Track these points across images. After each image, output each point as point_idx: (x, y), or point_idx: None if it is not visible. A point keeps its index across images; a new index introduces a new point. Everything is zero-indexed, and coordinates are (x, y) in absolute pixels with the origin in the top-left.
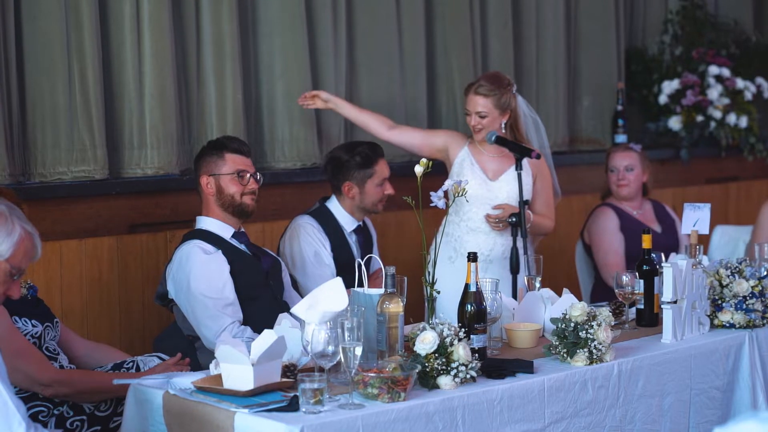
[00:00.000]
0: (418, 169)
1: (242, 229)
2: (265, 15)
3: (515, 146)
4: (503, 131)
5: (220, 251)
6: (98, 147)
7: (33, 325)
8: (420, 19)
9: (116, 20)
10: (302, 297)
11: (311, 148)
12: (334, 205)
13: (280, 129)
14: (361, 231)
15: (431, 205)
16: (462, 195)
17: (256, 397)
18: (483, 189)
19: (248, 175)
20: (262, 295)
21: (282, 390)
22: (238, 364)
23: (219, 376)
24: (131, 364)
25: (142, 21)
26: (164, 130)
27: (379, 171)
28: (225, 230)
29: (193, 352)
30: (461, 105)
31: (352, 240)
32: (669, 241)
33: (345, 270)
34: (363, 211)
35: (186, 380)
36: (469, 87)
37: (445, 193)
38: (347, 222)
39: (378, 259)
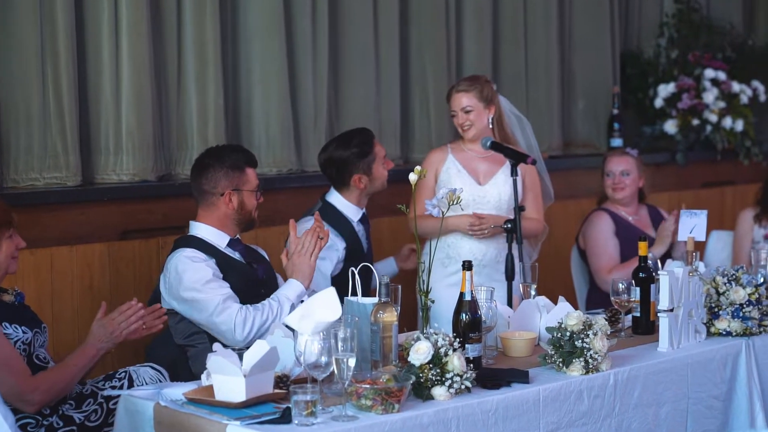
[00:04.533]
0: (413, 177)
1: (238, 236)
2: (244, 20)
3: (511, 152)
4: (490, 126)
5: (213, 260)
6: (71, 153)
7: (23, 332)
8: (394, 21)
9: (94, 25)
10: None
11: (288, 154)
12: (336, 199)
13: (257, 134)
14: (365, 220)
15: (426, 213)
16: (457, 203)
17: (248, 409)
18: (473, 194)
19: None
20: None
21: (274, 401)
22: (229, 375)
23: (210, 388)
24: (124, 374)
25: (120, 26)
26: (140, 135)
27: (378, 152)
28: (220, 238)
29: (185, 361)
30: (434, 108)
31: (360, 231)
32: None
33: (357, 261)
34: (370, 195)
35: (177, 391)
36: (449, 90)
37: None
38: (352, 213)
39: (371, 266)
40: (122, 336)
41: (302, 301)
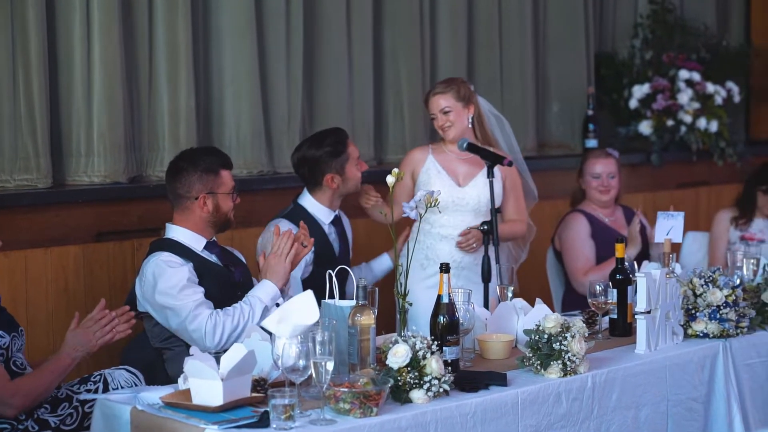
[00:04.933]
0: (390, 180)
1: (214, 239)
2: (216, 22)
3: (487, 153)
4: (470, 126)
5: (189, 264)
6: (42, 155)
7: (0, 336)
8: (368, 23)
9: (65, 27)
10: None
11: (258, 155)
12: (308, 202)
13: (228, 136)
14: (338, 222)
15: (404, 215)
16: (435, 206)
17: (225, 413)
18: (452, 195)
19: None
20: None
21: (252, 405)
22: (207, 379)
23: (188, 391)
24: (98, 377)
25: (92, 28)
26: (112, 137)
27: (351, 152)
28: (197, 241)
29: (161, 363)
30: (408, 110)
31: (331, 233)
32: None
33: (327, 265)
34: (343, 196)
35: (154, 395)
36: (427, 94)
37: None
38: (324, 215)
39: (349, 269)
40: (96, 346)
41: (277, 304)
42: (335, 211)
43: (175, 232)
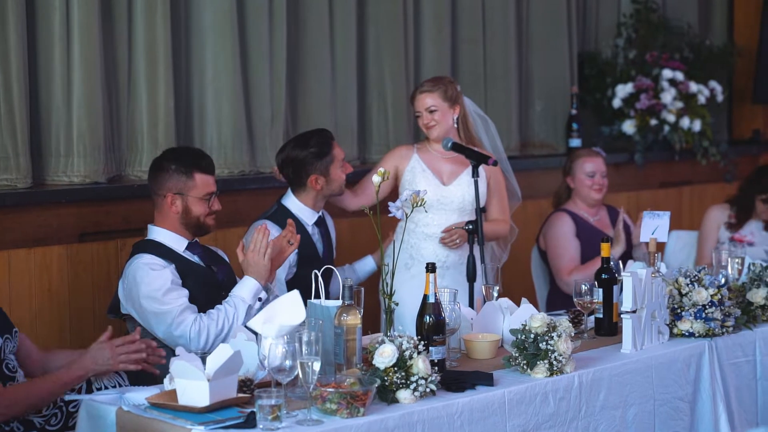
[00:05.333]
0: (376, 179)
1: (196, 239)
2: (198, 21)
3: (471, 153)
4: (455, 126)
5: (172, 265)
6: (21, 155)
7: None
8: (352, 22)
9: (45, 27)
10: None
11: (240, 155)
12: (292, 203)
13: (210, 135)
14: (322, 223)
15: (390, 215)
16: (421, 205)
17: (212, 414)
18: (437, 194)
19: (214, 196)
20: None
21: (238, 406)
22: (193, 379)
23: (174, 392)
24: None
25: (72, 28)
26: (92, 137)
27: (336, 154)
28: (178, 242)
29: None
30: (392, 109)
31: (315, 234)
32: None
33: (311, 266)
34: (327, 198)
35: (140, 396)
36: (413, 92)
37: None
38: (307, 216)
39: (334, 269)
40: (117, 367)
41: (260, 299)
42: (319, 212)
43: (157, 233)
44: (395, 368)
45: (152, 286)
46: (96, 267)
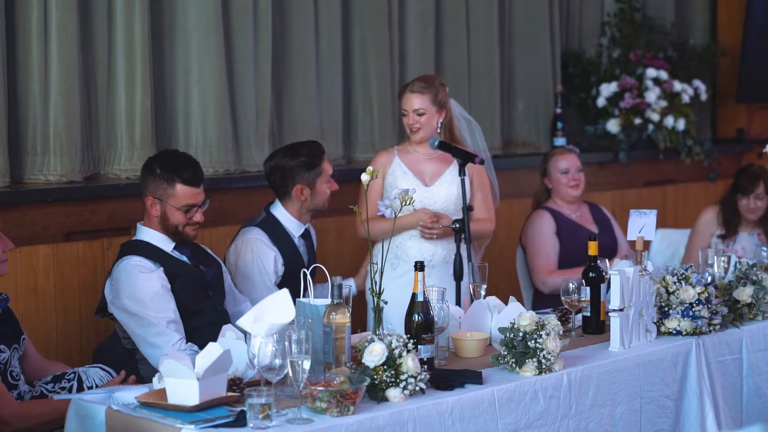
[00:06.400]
0: (365, 178)
1: None
2: (182, 20)
3: (458, 151)
4: (439, 131)
5: (161, 268)
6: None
7: (1, 351)
8: (337, 21)
9: (23, 26)
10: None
11: (225, 154)
12: (280, 213)
13: (195, 134)
14: (307, 236)
15: (378, 214)
16: (410, 204)
17: (202, 413)
18: (420, 195)
19: (196, 208)
20: (204, 309)
21: (228, 404)
22: (182, 378)
23: (163, 391)
24: (72, 375)
25: (50, 26)
26: (69, 136)
27: (325, 169)
28: (166, 243)
29: (133, 363)
30: (377, 108)
31: (301, 245)
32: (606, 242)
33: (297, 278)
34: (311, 212)
35: (129, 395)
36: (403, 88)
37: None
38: (294, 227)
39: (323, 267)
40: None
41: None
42: (305, 224)
43: (145, 233)
44: (385, 367)
45: (141, 289)
46: (82, 266)
